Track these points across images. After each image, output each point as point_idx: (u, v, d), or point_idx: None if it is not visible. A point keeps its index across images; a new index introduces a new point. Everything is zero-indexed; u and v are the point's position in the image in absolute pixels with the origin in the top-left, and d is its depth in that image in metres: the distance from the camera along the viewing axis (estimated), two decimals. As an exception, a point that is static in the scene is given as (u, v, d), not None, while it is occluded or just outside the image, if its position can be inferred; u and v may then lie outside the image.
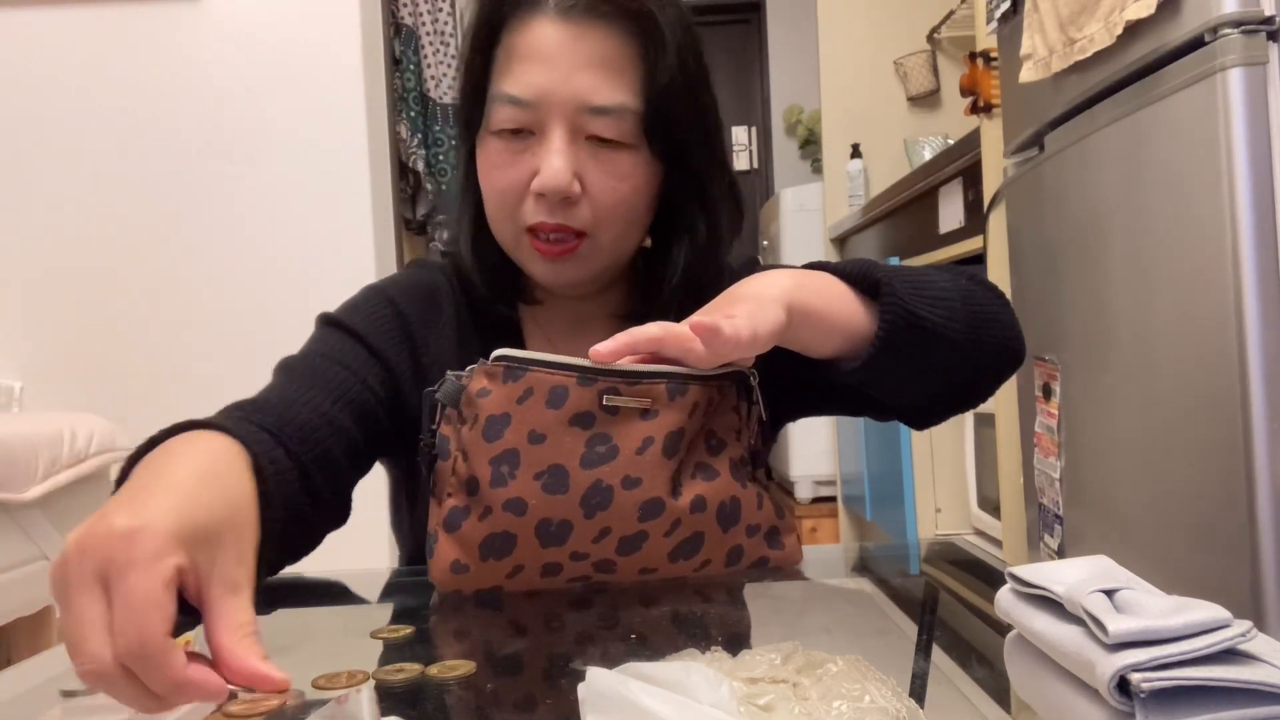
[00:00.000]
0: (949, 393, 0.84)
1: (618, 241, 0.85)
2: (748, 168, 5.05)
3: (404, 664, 0.58)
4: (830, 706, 0.47)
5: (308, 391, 0.79)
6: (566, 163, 0.79)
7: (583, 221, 0.81)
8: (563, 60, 0.79)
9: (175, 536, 0.49)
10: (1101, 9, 1.16)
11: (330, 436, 0.77)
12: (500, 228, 0.86)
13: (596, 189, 0.81)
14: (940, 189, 2.23)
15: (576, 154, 0.80)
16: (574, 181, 0.80)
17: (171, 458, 0.59)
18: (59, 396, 2.38)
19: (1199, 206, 1.04)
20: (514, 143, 0.81)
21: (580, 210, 0.81)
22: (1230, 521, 1.00)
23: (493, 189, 0.84)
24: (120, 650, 0.45)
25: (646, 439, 0.69)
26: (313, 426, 0.76)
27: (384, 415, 0.84)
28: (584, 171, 0.81)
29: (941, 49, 3.10)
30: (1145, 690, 0.40)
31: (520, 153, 0.81)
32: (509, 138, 0.81)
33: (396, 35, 2.95)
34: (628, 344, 0.67)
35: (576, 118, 0.80)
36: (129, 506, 0.50)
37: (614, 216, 0.83)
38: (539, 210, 0.81)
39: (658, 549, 0.72)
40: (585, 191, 0.81)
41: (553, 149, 0.79)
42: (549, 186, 0.79)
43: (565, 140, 0.80)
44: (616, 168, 0.81)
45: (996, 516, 1.95)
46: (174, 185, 2.45)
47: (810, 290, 0.73)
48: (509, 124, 0.81)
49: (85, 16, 2.42)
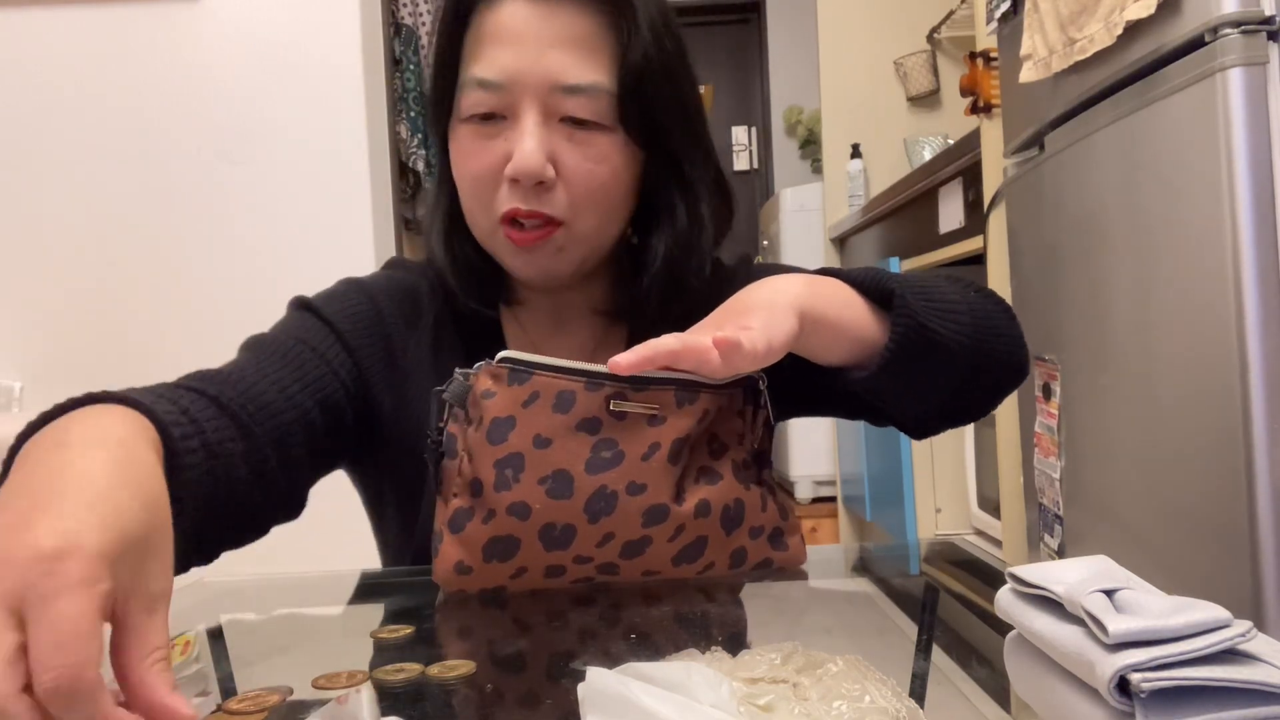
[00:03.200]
0: (951, 405, 0.83)
1: (596, 230, 0.82)
2: (748, 168, 5.05)
3: (404, 664, 0.58)
4: (830, 706, 0.47)
5: (275, 370, 0.76)
6: (539, 144, 0.77)
7: (559, 208, 0.79)
8: (533, 40, 0.77)
9: (105, 557, 0.42)
10: (1101, 9, 1.16)
11: (293, 420, 0.75)
12: (475, 219, 0.83)
13: (572, 173, 0.79)
14: (940, 189, 2.23)
15: (550, 136, 0.78)
16: (547, 164, 0.77)
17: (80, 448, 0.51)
18: (59, 396, 2.37)
19: (1199, 206, 1.04)
20: (485, 128, 0.79)
21: (556, 196, 0.79)
22: (1230, 521, 1.00)
23: (466, 178, 0.81)
24: (46, 687, 0.39)
25: (653, 445, 0.69)
26: (276, 407, 0.74)
27: (349, 410, 0.82)
28: (558, 154, 0.78)
29: (941, 49, 3.10)
30: (1145, 690, 0.40)
31: (492, 137, 0.79)
32: (480, 123, 0.79)
33: (396, 35, 2.95)
34: (647, 358, 0.65)
35: (549, 98, 0.77)
36: (49, 518, 0.43)
37: (591, 202, 0.80)
38: (513, 196, 0.78)
39: (661, 553, 0.72)
40: (560, 176, 0.78)
41: (525, 131, 0.77)
42: (522, 169, 0.77)
43: (537, 122, 0.77)
44: (592, 150, 0.79)
45: (996, 516, 1.95)
46: (174, 185, 2.45)
47: (822, 298, 0.72)
48: (479, 108, 0.79)
49: (85, 16, 2.42)
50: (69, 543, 0.42)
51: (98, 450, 0.50)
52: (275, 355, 0.78)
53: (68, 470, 0.48)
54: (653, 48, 0.79)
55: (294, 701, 0.54)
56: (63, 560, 0.41)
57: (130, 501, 0.47)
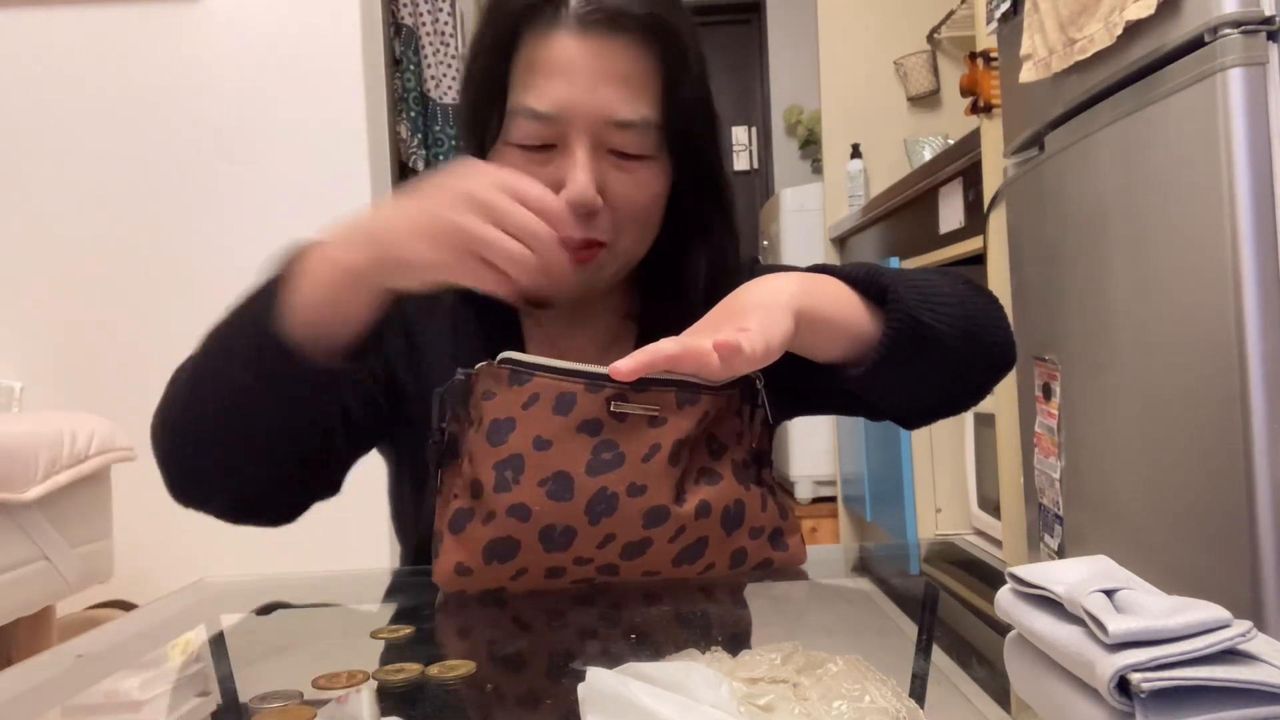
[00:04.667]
0: (943, 397, 0.85)
1: (635, 247, 0.86)
2: (748, 168, 5.05)
3: (404, 664, 0.58)
4: (830, 706, 0.47)
5: None
6: (590, 177, 0.79)
7: (603, 231, 0.82)
8: (584, 74, 0.79)
9: None
10: (1101, 9, 1.16)
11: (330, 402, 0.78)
12: None
13: (617, 200, 0.82)
14: (940, 189, 2.23)
15: (599, 166, 0.81)
16: (597, 196, 0.80)
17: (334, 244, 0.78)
18: (59, 396, 2.38)
19: (1199, 206, 1.04)
20: (536, 155, 0.81)
21: (601, 220, 0.82)
22: (1230, 521, 1.00)
23: None
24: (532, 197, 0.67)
25: (654, 446, 0.69)
26: None
27: (380, 394, 0.86)
28: (606, 183, 0.81)
29: (941, 49, 3.10)
30: (1145, 690, 0.40)
31: (543, 164, 0.81)
32: (530, 150, 0.82)
33: (396, 35, 2.95)
34: (647, 363, 0.65)
35: (599, 131, 0.80)
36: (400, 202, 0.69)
37: (633, 224, 0.84)
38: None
39: (662, 554, 0.72)
40: (606, 202, 0.81)
41: (577, 163, 0.79)
42: (575, 201, 0.79)
43: (588, 154, 0.80)
44: (638, 177, 0.82)
45: (996, 516, 1.95)
46: (174, 185, 2.45)
47: (817, 296, 0.73)
48: (532, 140, 0.81)
49: (85, 16, 2.42)
50: None
51: None
52: None
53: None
54: (695, 80, 0.83)
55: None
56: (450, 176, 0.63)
57: None
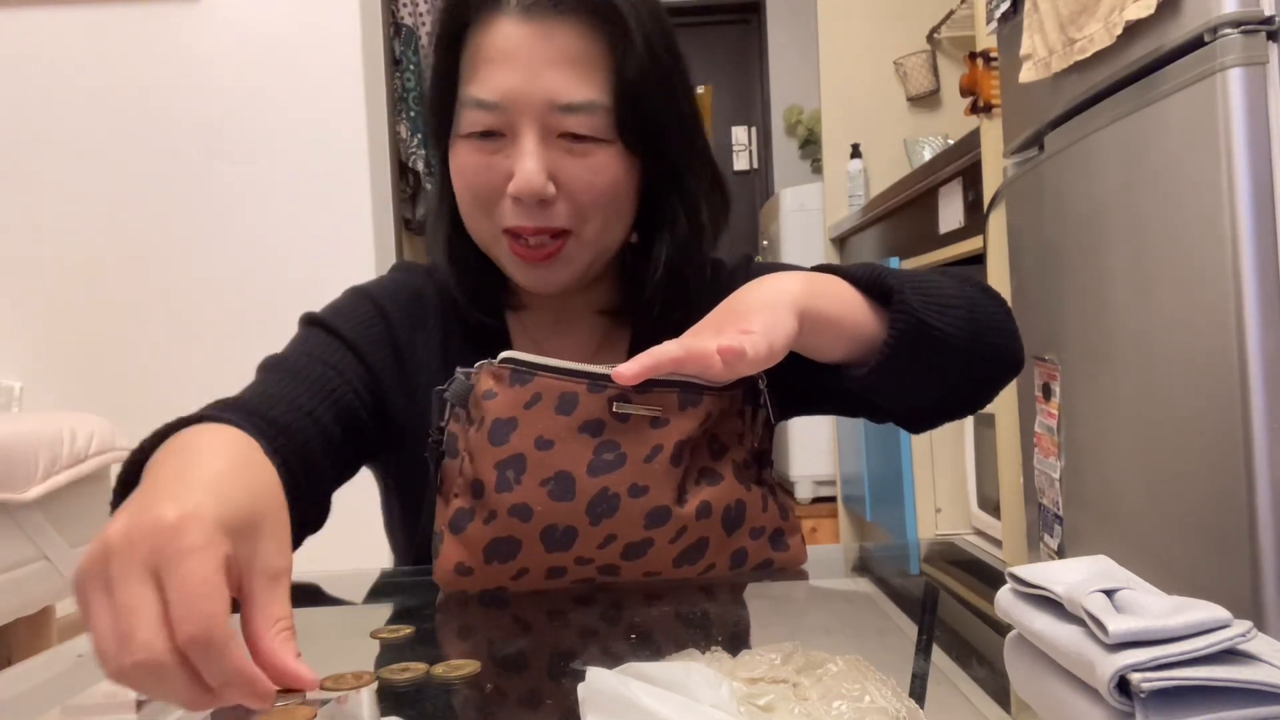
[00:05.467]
0: (948, 398, 0.84)
1: (600, 236, 0.83)
2: (748, 168, 5.05)
3: (409, 663, 0.58)
4: (830, 706, 0.47)
5: (290, 390, 0.78)
6: (539, 164, 0.78)
7: (562, 219, 0.81)
8: (528, 60, 0.78)
9: (221, 524, 0.48)
10: (1101, 9, 1.16)
11: (314, 437, 0.76)
12: (477, 230, 0.85)
13: (572, 186, 0.80)
14: (940, 189, 2.23)
15: (549, 153, 0.79)
16: (548, 183, 0.79)
17: (194, 451, 0.58)
18: (59, 396, 2.38)
19: (1199, 207, 1.04)
20: (486, 144, 0.80)
21: (557, 209, 0.80)
22: (1230, 521, 1.00)
23: (467, 193, 0.83)
24: (184, 638, 0.44)
25: (655, 447, 0.69)
26: (296, 426, 0.75)
27: (367, 417, 0.84)
28: (558, 170, 0.80)
29: (941, 49, 3.10)
30: (1145, 690, 0.40)
31: (493, 154, 0.80)
32: (480, 140, 0.81)
33: (396, 35, 2.95)
34: (650, 366, 0.65)
35: (547, 117, 0.79)
36: (170, 498, 0.48)
37: (593, 212, 0.81)
38: (517, 214, 0.80)
39: (663, 554, 0.72)
40: (561, 189, 0.80)
41: (525, 151, 0.78)
42: (524, 190, 0.78)
43: (537, 141, 0.79)
44: (591, 163, 0.80)
45: (996, 516, 1.95)
46: (174, 185, 2.45)
47: (821, 296, 0.72)
48: (478, 127, 0.80)
49: (85, 16, 2.42)
50: (189, 513, 0.47)
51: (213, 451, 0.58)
52: (290, 375, 0.80)
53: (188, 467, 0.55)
54: (647, 60, 0.80)
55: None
56: (185, 526, 0.46)
57: (242, 487, 0.53)
